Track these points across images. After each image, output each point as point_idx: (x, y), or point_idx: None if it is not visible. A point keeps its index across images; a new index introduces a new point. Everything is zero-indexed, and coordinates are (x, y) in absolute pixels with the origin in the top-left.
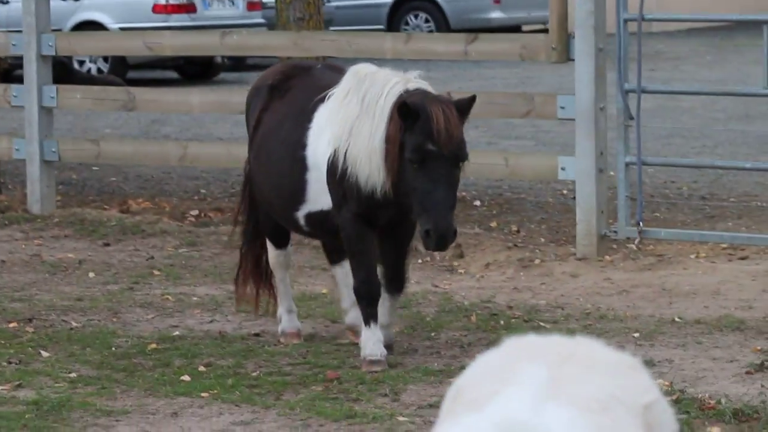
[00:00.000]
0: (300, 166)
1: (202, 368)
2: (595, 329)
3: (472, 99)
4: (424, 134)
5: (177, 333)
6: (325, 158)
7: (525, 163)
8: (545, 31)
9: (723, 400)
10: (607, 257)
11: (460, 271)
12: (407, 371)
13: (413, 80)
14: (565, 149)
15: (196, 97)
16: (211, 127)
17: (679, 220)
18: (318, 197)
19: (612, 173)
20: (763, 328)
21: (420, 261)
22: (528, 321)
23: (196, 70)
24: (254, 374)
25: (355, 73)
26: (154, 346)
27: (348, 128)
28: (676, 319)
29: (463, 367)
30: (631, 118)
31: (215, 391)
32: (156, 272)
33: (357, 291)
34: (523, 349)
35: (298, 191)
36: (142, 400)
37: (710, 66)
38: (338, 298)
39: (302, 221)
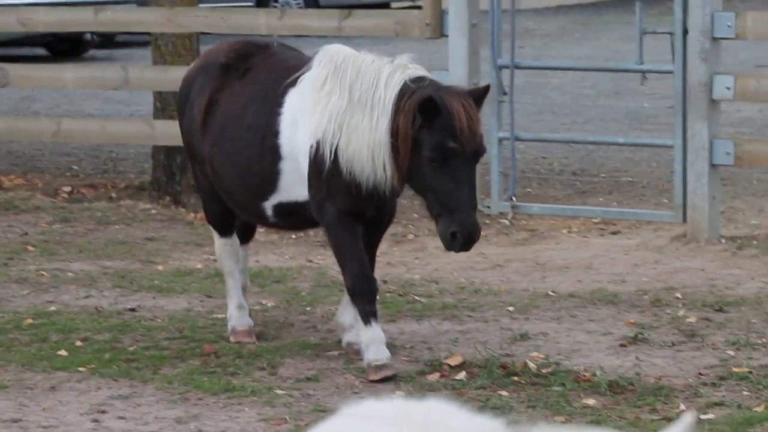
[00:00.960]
0: (272, 154)
1: (79, 343)
2: (470, 303)
3: (486, 89)
4: (445, 132)
5: (53, 308)
6: (305, 149)
7: None
8: (418, 7)
9: (598, 373)
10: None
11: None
12: (284, 345)
13: (411, 66)
14: None
15: (69, 73)
16: (82, 104)
17: (551, 195)
18: (291, 188)
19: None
20: (635, 302)
21: (294, 237)
22: (402, 295)
23: (65, 47)
24: (131, 349)
25: (329, 57)
26: (30, 321)
27: (337, 122)
28: (550, 293)
29: (340, 341)
30: (504, 94)
31: (93, 366)
32: (30, 248)
33: (352, 288)
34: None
35: (268, 180)
36: (19, 374)
37: (579, 43)
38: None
39: (270, 211)
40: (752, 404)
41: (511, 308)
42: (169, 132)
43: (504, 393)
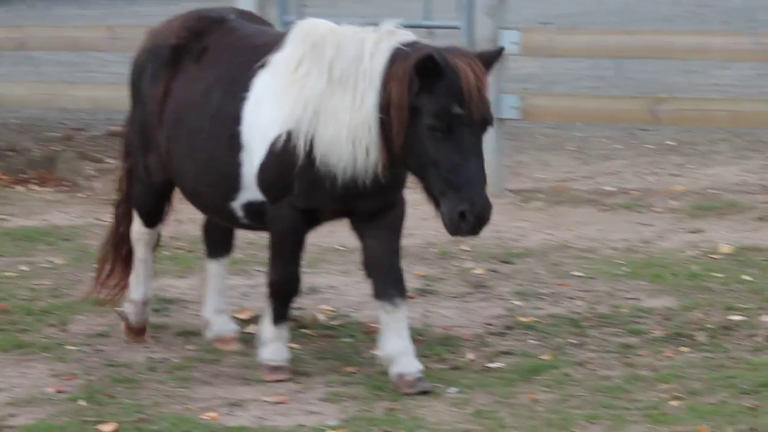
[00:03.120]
0: (234, 144)
1: None
2: (260, 258)
3: (499, 52)
4: (450, 95)
5: None
6: (266, 139)
7: None
8: None
9: None
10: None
11: None
12: (74, 302)
13: (399, 33)
14: None
15: None
16: None
17: None
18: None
19: None
20: (423, 254)
21: (82, 195)
22: (192, 251)
23: None
24: None
25: (305, 34)
26: None
27: (311, 108)
28: (338, 248)
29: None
30: None
31: None
32: None
33: (274, 284)
34: None
35: (233, 176)
36: None
37: (366, 2)
38: (199, 299)
39: (240, 212)
40: (538, 352)
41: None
42: None
43: (294, 345)
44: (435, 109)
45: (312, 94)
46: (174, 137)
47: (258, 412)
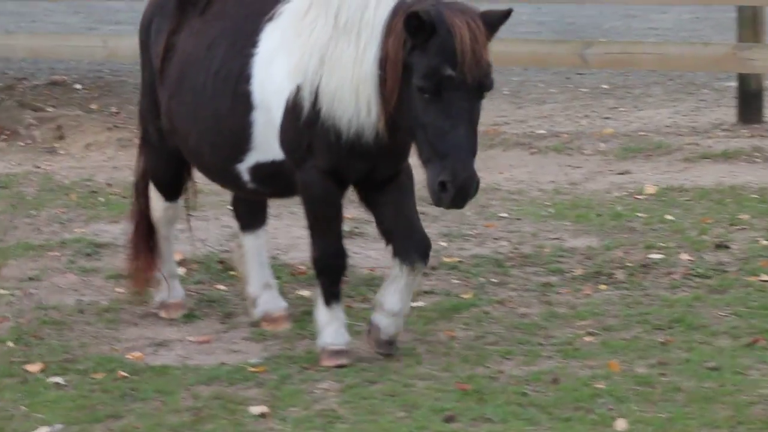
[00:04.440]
0: (243, 103)
1: None
2: (192, 203)
3: (508, 13)
4: (441, 55)
5: None
6: (282, 96)
7: (124, 45)
8: None
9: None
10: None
11: (61, 152)
12: (8, 247)
13: None
14: None
15: None
16: None
17: None
18: (269, 144)
19: None
20: (352, 198)
21: (22, 144)
22: (126, 197)
23: None
24: None
25: None
26: None
27: (317, 56)
28: None
29: (63, 242)
30: None
31: None
32: None
33: (318, 262)
34: None
35: (241, 137)
36: None
37: None
38: (240, 277)
39: (246, 176)
40: (460, 292)
41: (231, 207)
42: None
43: (221, 287)
44: (424, 69)
45: (318, 42)
46: (175, 95)
47: (182, 351)
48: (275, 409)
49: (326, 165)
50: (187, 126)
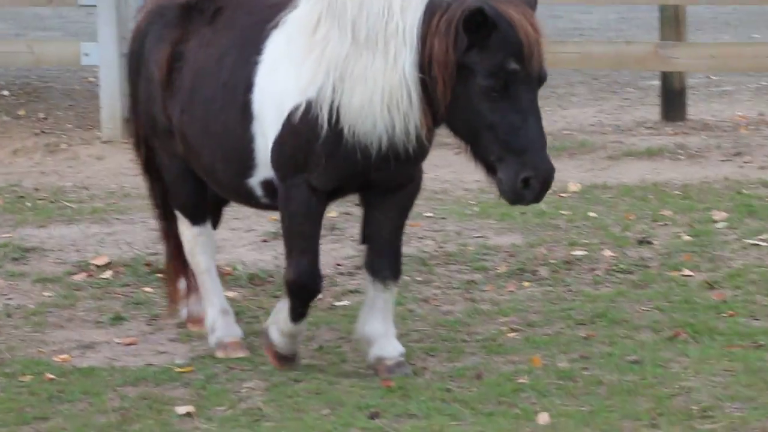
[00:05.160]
0: (244, 114)
1: None
2: (119, 207)
3: None
4: (505, 50)
5: None
6: (281, 109)
7: (50, 50)
8: None
9: (240, 267)
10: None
11: None
12: None
13: None
14: (93, 39)
15: None
16: None
17: None
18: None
19: None
20: None
21: None
22: (54, 202)
23: None
24: None
25: None
26: None
27: (335, 73)
28: None
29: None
30: None
31: None
32: None
33: (293, 285)
34: None
35: (245, 151)
36: None
37: None
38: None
39: (259, 190)
40: None
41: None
42: None
43: (148, 289)
44: (490, 67)
45: (334, 59)
46: (188, 109)
47: (109, 353)
48: (201, 408)
49: (323, 184)
50: (200, 141)
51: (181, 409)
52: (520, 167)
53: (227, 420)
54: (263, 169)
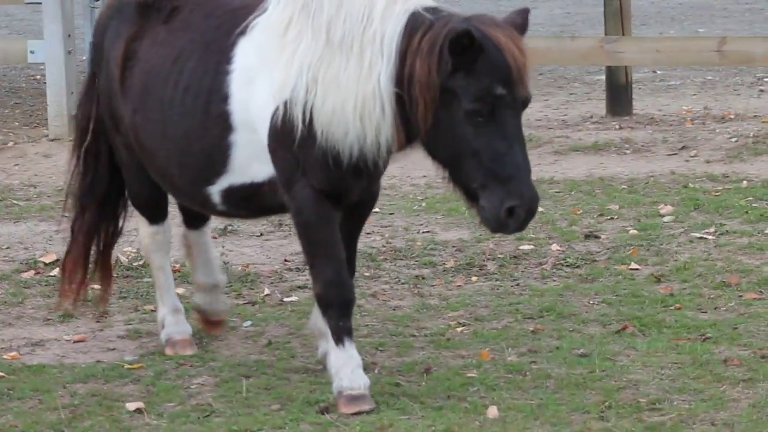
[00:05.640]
0: (220, 125)
1: None
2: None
3: (526, 13)
4: (492, 75)
5: None
6: (265, 115)
7: None
8: None
9: (187, 263)
10: None
11: None
12: None
13: None
14: (39, 36)
15: None
16: None
17: None
18: (247, 166)
19: (84, 57)
20: None
21: None
22: (1, 200)
23: None
24: None
25: None
26: None
27: (308, 75)
28: None
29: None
30: (97, 0)
31: None
32: None
33: (323, 297)
34: None
35: (216, 159)
36: None
37: None
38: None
39: (217, 198)
40: None
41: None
42: None
43: (97, 286)
44: (476, 91)
45: (307, 59)
46: (140, 110)
47: (58, 350)
48: (151, 404)
49: (322, 185)
50: (155, 144)
51: (131, 406)
52: (504, 195)
53: (177, 416)
54: (230, 177)
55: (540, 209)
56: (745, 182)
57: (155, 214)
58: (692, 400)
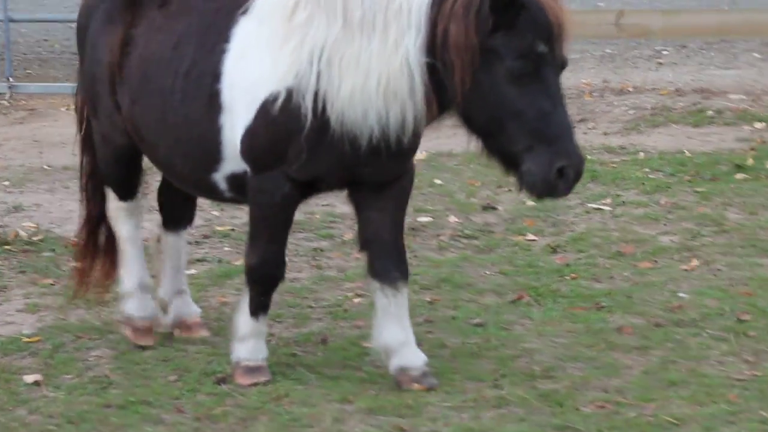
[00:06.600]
0: (213, 105)
1: None
2: None
3: None
4: (536, 32)
5: None
6: (255, 98)
7: None
8: None
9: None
10: None
11: None
12: None
13: None
14: None
15: None
16: None
17: (51, 75)
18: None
19: None
20: None
21: None
22: None
23: None
24: None
25: None
26: None
27: (324, 59)
28: (46, 167)
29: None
30: None
31: None
32: None
33: (255, 271)
34: None
35: (211, 144)
36: None
37: None
38: (155, 274)
39: (223, 184)
40: (232, 259)
41: (6, 183)
42: None
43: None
44: (519, 48)
45: (319, 43)
46: (140, 99)
47: None
48: (49, 377)
49: (305, 176)
50: (156, 134)
51: (29, 378)
52: (553, 156)
53: (75, 388)
54: (230, 163)
55: (438, 181)
56: (641, 154)
57: (126, 194)
58: (585, 368)
